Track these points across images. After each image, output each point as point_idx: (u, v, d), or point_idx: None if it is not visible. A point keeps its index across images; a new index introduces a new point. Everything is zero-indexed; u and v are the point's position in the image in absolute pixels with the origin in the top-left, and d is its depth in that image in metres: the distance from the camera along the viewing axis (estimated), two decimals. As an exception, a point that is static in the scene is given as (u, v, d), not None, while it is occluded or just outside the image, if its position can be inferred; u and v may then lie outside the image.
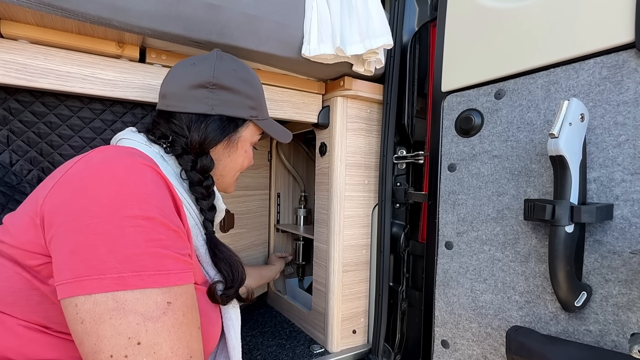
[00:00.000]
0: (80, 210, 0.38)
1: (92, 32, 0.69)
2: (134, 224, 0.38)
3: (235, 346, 0.61)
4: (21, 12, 0.62)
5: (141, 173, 0.42)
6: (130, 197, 0.39)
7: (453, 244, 0.81)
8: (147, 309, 0.37)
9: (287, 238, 1.57)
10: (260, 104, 0.69)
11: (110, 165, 0.41)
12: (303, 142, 1.55)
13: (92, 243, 0.36)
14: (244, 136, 0.67)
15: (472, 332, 0.76)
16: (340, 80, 1.00)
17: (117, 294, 0.36)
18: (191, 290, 0.43)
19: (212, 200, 0.62)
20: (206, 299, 0.55)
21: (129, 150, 0.46)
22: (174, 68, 0.67)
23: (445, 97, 0.84)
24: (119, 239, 0.37)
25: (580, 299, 0.59)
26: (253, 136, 0.70)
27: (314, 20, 0.85)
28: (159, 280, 0.38)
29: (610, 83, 0.58)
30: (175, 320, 0.39)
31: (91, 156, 0.43)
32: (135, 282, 0.37)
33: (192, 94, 0.61)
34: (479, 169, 0.76)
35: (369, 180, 1.10)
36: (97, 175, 0.40)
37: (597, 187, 0.60)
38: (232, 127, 0.64)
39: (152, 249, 0.38)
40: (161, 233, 0.40)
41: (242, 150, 0.68)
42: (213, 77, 0.62)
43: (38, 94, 0.76)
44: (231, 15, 0.75)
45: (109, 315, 0.36)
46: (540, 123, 0.67)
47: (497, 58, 0.73)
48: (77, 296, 0.36)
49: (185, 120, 0.61)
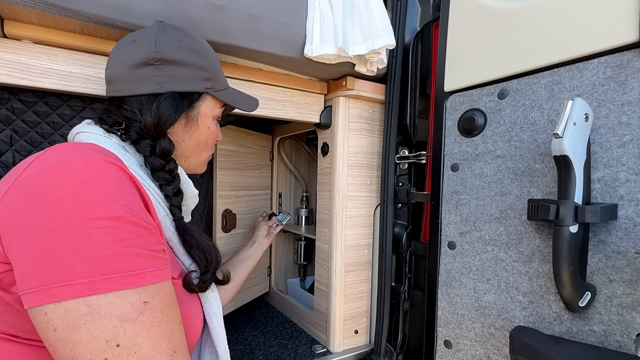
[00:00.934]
0: (39, 215, 0.36)
1: (95, 32, 0.69)
2: (99, 225, 0.36)
3: (219, 334, 0.59)
4: (24, 12, 0.62)
5: (103, 170, 0.40)
6: (93, 197, 0.37)
7: (456, 244, 0.81)
8: (123, 310, 0.36)
9: (289, 238, 1.57)
10: (215, 74, 0.64)
11: (69, 164, 0.39)
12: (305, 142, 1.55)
13: (57, 248, 0.35)
14: (203, 111, 0.62)
15: (475, 332, 0.76)
16: (342, 80, 1.00)
17: (89, 299, 0.35)
18: (169, 287, 0.42)
19: (177, 185, 0.59)
20: (184, 291, 0.53)
21: (87, 147, 0.43)
22: (114, 49, 0.61)
23: (448, 97, 0.84)
24: (85, 242, 0.35)
25: (585, 299, 0.59)
26: (214, 110, 0.64)
27: (316, 20, 0.85)
28: (132, 280, 0.37)
29: (615, 83, 0.58)
30: (154, 319, 0.38)
31: (47, 155, 0.40)
32: (107, 285, 0.35)
33: (137, 74, 0.57)
34: (482, 169, 0.76)
35: (371, 180, 1.10)
36: (55, 176, 0.37)
37: (601, 187, 0.60)
38: (186, 104, 0.60)
39: (122, 249, 0.37)
40: (130, 232, 0.38)
41: (204, 127, 0.63)
42: (156, 51, 0.56)
43: (41, 94, 0.76)
44: (234, 15, 0.75)
45: (83, 320, 0.34)
46: (544, 123, 0.66)
47: (500, 58, 0.73)
48: (46, 304, 0.34)
49: (136, 103, 0.57)
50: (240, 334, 1.18)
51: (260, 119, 1.03)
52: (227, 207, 1.19)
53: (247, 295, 1.33)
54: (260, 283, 1.41)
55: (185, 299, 0.53)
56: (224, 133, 1.16)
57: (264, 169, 1.40)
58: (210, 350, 0.60)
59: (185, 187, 0.62)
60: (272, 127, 1.45)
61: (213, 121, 0.65)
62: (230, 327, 1.23)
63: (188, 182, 0.62)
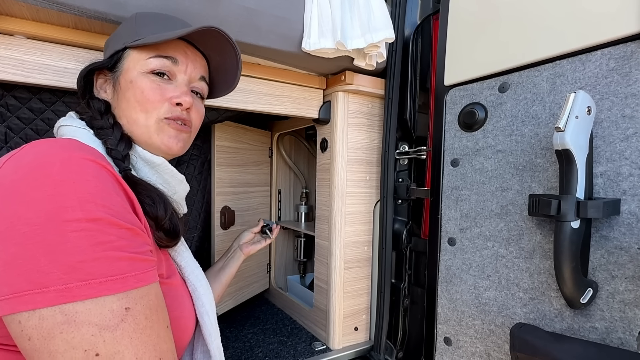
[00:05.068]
0: (12, 218, 0.34)
1: (89, 27, 0.68)
2: (76, 228, 0.34)
3: (212, 332, 0.58)
4: (17, 6, 0.61)
5: (80, 169, 0.37)
6: (70, 198, 0.35)
7: (456, 240, 0.80)
8: (102, 318, 0.34)
9: (288, 235, 1.56)
10: (139, 30, 0.57)
11: (44, 163, 0.36)
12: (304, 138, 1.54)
13: (30, 254, 0.33)
14: (125, 68, 0.56)
15: (475, 329, 0.76)
16: (341, 75, 0.99)
17: (65, 307, 0.33)
18: (154, 290, 0.40)
19: (118, 135, 0.53)
20: (174, 292, 0.51)
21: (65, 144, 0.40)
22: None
23: (448, 91, 0.82)
24: (60, 247, 0.34)
25: (586, 296, 0.58)
26: (138, 62, 0.55)
27: (314, 13, 0.83)
28: (112, 286, 0.35)
29: (618, 75, 0.57)
30: (136, 326, 0.36)
31: (22, 154, 0.38)
32: (84, 291, 0.34)
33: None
34: (483, 164, 0.75)
35: (370, 176, 1.09)
36: (29, 176, 0.35)
37: (603, 182, 0.59)
38: (107, 65, 0.57)
39: (101, 253, 0.35)
40: (111, 234, 0.36)
41: (126, 83, 0.55)
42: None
43: (35, 90, 0.75)
44: (230, 8, 0.74)
45: (59, 329, 0.33)
46: (545, 116, 0.65)
47: (501, 51, 0.72)
48: (19, 312, 0.33)
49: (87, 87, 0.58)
50: (240, 331, 1.18)
51: (259, 115, 1.02)
52: (225, 204, 1.19)
53: (247, 292, 1.33)
54: (260, 280, 1.41)
55: (176, 299, 0.51)
56: (222, 129, 1.16)
57: (263, 165, 1.40)
58: (203, 349, 0.59)
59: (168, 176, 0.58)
60: (271, 123, 1.44)
61: (140, 74, 0.55)
62: (230, 324, 1.23)
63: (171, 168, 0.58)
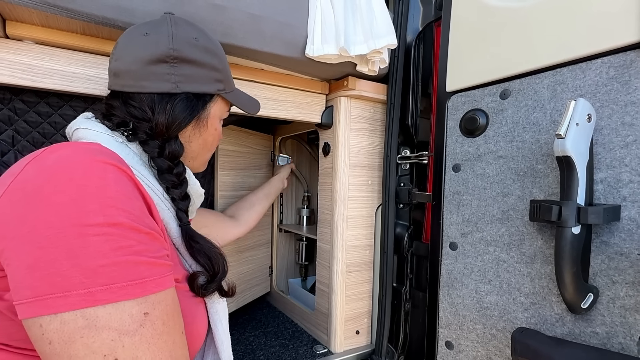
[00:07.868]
0: (35, 221, 0.34)
1: (97, 32, 0.70)
2: (98, 233, 0.35)
3: (224, 340, 0.58)
4: (26, 12, 0.62)
5: (102, 174, 0.38)
6: (92, 202, 0.35)
7: (457, 245, 0.80)
8: (122, 323, 0.35)
9: (290, 238, 1.57)
10: (226, 75, 0.63)
11: (66, 167, 0.37)
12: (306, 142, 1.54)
13: (53, 257, 0.33)
14: (212, 113, 0.61)
15: (476, 334, 0.76)
16: (344, 80, 1.00)
17: (86, 311, 0.33)
18: (171, 295, 0.41)
19: (185, 189, 0.57)
20: (188, 296, 0.51)
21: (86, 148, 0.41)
22: (122, 39, 0.57)
23: (450, 97, 0.83)
24: (82, 251, 0.34)
25: (587, 301, 0.58)
26: (222, 111, 0.64)
27: (317, 20, 0.85)
28: (132, 291, 0.36)
29: (618, 83, 0.58)
30: (154, 331, 0.37)
31: (43, 157, 0.38)
32: (106, 296, 0.34)
33: (150, 71, 0.53)
34: (484, 170, 0.76)
35: (372, 181, 1.09)
36: (52, 180, 0.36)
37: (604, 188, 0.59)
38: (200, 105, 0.58)
39: (122, 258, 0.35)
40: (131, 239, 0.37)
41: (212, 129, 0.62)
42: (173, 49, 0.54)
43: (43, 95, 0.76)
44: (235, 15, 0.75)
45: (79, 334, 0.33)
46: (546, 123, 0.66)
47: (502, 58, 0.73)
48: (41, 316, 0.33)
49: (147, 101, 0.54)
50: (242, 334, 1.18)
51: (262, 119, 1.03)
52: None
53: (249, 295, 1.33)
54: (261, 283, 1.42)
55: (190, 304, 0.51)
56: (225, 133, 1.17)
57: (265, 169, 1.40)
58: (214, 357, 0.59)
59: (191, 188, 0.60)
60: (274, 127, 1.45)
61: (220, 122, 0.65)
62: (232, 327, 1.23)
63: (195, 182, 0.61)
